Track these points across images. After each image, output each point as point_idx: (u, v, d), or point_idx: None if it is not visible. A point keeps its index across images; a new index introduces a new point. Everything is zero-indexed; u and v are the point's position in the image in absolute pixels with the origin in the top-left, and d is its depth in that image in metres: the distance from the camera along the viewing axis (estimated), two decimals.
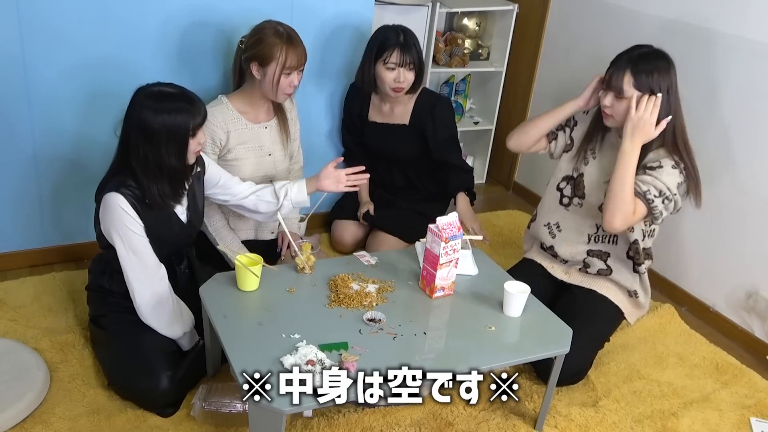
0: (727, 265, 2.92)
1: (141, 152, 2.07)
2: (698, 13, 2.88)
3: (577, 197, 2.58)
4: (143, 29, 2.70)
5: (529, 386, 2.46)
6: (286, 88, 2.58)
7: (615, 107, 2.35)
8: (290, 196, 2.48)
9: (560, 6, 3.62)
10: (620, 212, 2.28)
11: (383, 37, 2.94)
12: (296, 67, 2.56)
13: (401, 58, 2.90)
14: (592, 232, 2.56)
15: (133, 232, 2.12)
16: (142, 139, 2.06)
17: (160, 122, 2.03)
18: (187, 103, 2.08)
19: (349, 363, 1.89)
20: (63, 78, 2.64)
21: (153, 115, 2.03)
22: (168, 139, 2.06)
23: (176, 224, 2.27)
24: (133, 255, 2.14)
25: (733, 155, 2.83)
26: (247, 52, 2.55)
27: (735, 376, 2.63)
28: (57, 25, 2.55)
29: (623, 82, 2.30)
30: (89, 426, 2.13)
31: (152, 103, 2.05)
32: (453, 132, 3.18)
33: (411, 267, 2.40)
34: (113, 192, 2.10)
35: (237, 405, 2.17)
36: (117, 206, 2.09)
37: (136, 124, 2.06)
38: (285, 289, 2.22)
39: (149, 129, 2.04)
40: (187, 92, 2.13)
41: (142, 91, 2.09)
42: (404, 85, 2.95)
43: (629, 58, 2.32)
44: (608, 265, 2.55)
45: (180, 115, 2.05)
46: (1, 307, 2.60)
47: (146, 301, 2.18)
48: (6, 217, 2.78)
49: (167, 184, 2.14)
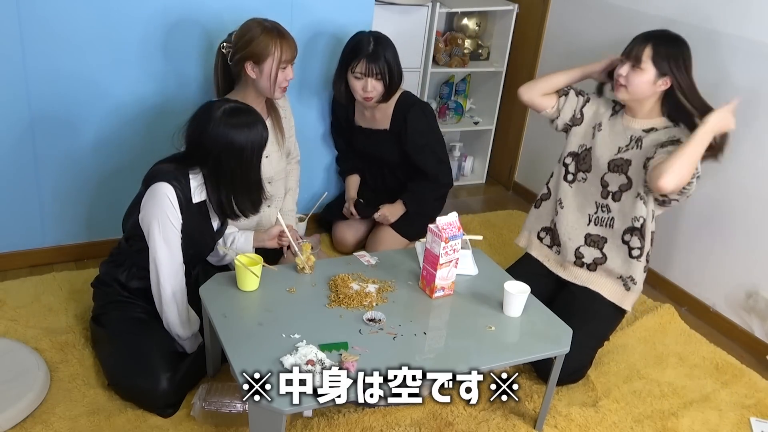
0: (727, 265, 2.92)
1: (228, 166, 2.15)
2: (698, 13, 2.88)
3: (581, 171, 2.59)
4: (143, 30, 2.70)
5: (529, 386, 2.46)
6: (282, 82, 2.58)
7: (630, 77, 2.39)
8: (236, 245, 2.49)
9: (560, 6, 3.62)
10: (677, 173, 2.23)
11: (354, 44, 2.92)
12: (291, 59, 2.57)
13: (367, 68, 2.87)
14: (592, 212, 2.57)
15: (172, 224, 2.15)
16: (229, 155, 2.13)
17: (245, 137, 2.12)
18: (258, 117, 2.19)
19: (349, 363, 1.89)
20: (63, 79, 2.64)
21: (237, 131, 2.11)
22: (253, 152, 2.16)
23: (208, 231, 2.31)
24: (165, 246, 2.16)
25: (733, 155, 2.82)
26: (239, 53, 2.53)
27: (735, 376, 2.63)
28: (56, 25, 2.55)
29: (643, 53, 2.35)
30: (89, 426, 2.13)
31: (236, 122, 2.12)
32: (428, 139, 3.07)
33: (411, 267, 2.40)
34: (164, 182, 2.13)
35: (237, 405, 2.17)
36: (164, 195, 2.12)
37: (221, 141, 2.11)
38: (285, 289, 2.22)
39: (236, 145, 2.12)
40: (250, 107, 2.22)
41: (219, 109, 2.13)
42: (372, 94, 2.93)
43: (652, 34, 2.39)
44: (603, 253, 2.54)
45: (256, 127, 2.15)
46: (1, 307, 2.60)
47: (170, 294, 2.20)
48: (6, 217, 2.78)
49: (255, 193, 2.23)
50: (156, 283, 2.20)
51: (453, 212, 2.22)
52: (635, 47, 2.39)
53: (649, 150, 2.40)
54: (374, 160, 3.22)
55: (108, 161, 2.83)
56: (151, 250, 2.17)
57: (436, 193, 3.19)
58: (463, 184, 4.16)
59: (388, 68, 2.90)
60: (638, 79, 2.37)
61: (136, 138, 2.83)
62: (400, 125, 3.05)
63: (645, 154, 2.42)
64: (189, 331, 2.28)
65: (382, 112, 3.09)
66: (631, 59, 2.38)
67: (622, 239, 2.51)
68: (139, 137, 2.84)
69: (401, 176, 3.21)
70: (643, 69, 2.36)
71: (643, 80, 2.37)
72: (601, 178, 2.53)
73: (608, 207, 2.53)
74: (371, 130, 3.13)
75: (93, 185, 2.85)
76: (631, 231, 2.49)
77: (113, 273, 2.32)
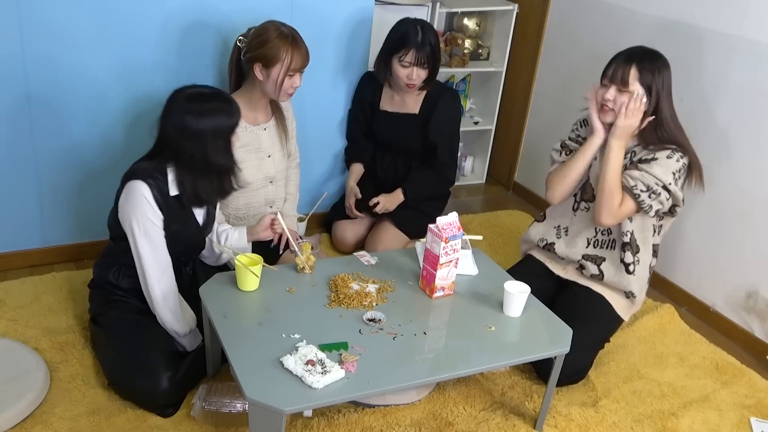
0: (727, 265, 2.92)
1: (187, 152, 2.13)
2: (698, 13, 2.88)
3: (584, 201, 2.58)
4: (142, 30, 2.70)
5: (529, 386, 2.46)
6: (288, 89, 2.59)
7: (618, 101, 2.36)
8: (230, 242, 2.46)
9: (560, 6, 3.62)
10: (606, 207, 2.38)
11: (403, 32, 2.94)
12: (300, 68, 2.57)
13: (416, 58, 2.92)
14: (591, 236, 2.57)
15: (152, 222, 2.15)
16: (186, 140, 2.12)
17: (204, 123, 2.11)
18: (225, 103, 2.17)
19: (349, 363, 1.89)
20: (63, 79, 2.64)
21: (195, 116, 2.10)
22: (213, 137, 2.13)
23: (193, 225, 2.30)
24: (148, 245, 2.16)
25: (733, 155, 2.83)
26: (250, 53, 2.54)
27: (735, 376, 2.63)
28: (57, 25, 2.55)
29: (630, 75, 2.33)
30: (89, 426, 2.13)
31: (194, 105, 2.11)
32: (451, 128, 3.16)
33: (411, 267, 2.40)
34: (139, 180, 2.13)
35: (237, 405, 2.17)
36: (140, 194, 2.12)
37: (176, 127, 2.12)
38: (285, 289, 2.22)
39: (193, 130, 2.10)
40: (223, 92, 2.22)
41: (181, 94, 2.14)
42: (416, 82, 2.98)
43: (632, 54, 2.35)
44: (601, 270, 2.54)
45: (221, 114, 2.14)
46: (1, 307, 2.60)
47: (159, 292, 2.20)
48: (6, 217, 2.78)
49: (216, 180, 2.21)
50: (144, 284, 2.21)
51: (453, 212, 2.22)
52: (619, 70, 2.34)
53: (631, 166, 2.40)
54: (391, 148, 3.22)
55: (108, 161, 2.83)
56: (134, 251, 2.18)
57: (436, 187, 3.21)
58: (463, 184, 4.16)
59: (434, 57, 2.96)
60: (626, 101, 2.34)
61: (137, 138, 2.83)
62: (431, 108, 3.08)
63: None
64: (186, 326, 2.28)
65: (413, 97, 3.11)
66: (616, 83, 2.35)
67: (620, 258, 2.51)
68: (139, 137, 2.82)
69: (415, 166, 3.21)
70: (631, 91, 2.33)
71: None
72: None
73: (609, 229, 2.53)
74: (397, 114, 3.14)
75: (93, 185, 2.85)
76: (624, 246, 2.49)
77: (104, 274, 2.32)
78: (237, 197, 2.72)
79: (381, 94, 3.16)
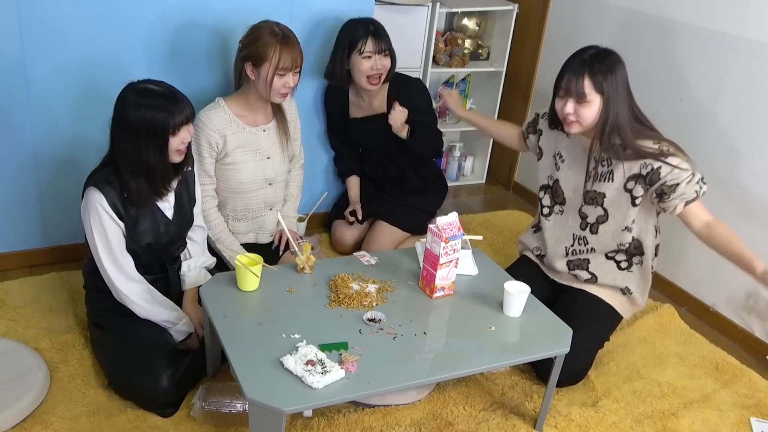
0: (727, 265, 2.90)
1: (122, 146, 2.10)
2: (698, 13, 2.88)
3: (557, 204, 2.56)
4: (142, 29, 2.70)
5: (529, 386, 2.46)
6: (281, 89, 2.55)
7: (579, 112, 2.27)
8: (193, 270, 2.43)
9: (560, 6, 3.62)
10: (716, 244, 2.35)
11: (353, 28, 2.95)
12: (290, 68, 2.53)
13: (376, 46, 2.92)
14: (569, 244, 2.54)
15: (111, 230, 2.14)
16: (123, 134, 2.09)
17: (139, 117, 2.06)
18: (170, 102, 2.09)
19: (349, 363, 1.89)
20: (63, 79, 2.64)
21: (133, 109, 2.06)
22: (147, 135, 2.08)
23: (161, 220, 2.27)
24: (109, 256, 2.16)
25: (733, 155, 2.83)
26: (242, 52, 2.54)
27: (735, 376, 2.63)
28: (57, 24, 2.55)
29: (584, 86, 2.23)
30: (89, 426, 2.13)
31: (135, 99, 2.07)
32: (424, 102, 3.12)
33: (411, 267, 2.40)
34: (93, 188, 2.12)
35: (237, 405, 2.17)
36: (94, 204, 2.11)
37: (118, 118, 2.10)
38: (285, 289, 2.22)
39: (129, 123, 2.07)
40: (174, 91, 2.14)
41: (129, 87, 2.12)
42: (382, 71, 2.97)
43: (582, 61, 2.25)
44: (591, 273, 2.52)
45: (160, 112, 2.07)
46: (1, 307, 2.60)
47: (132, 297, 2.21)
48: (6, 217, 2.78)
49: (145, 180, 2.15)
50: (116, 293, 2.21)
51: (453, 212, 2.22)
52: (573, 82, 2.24)
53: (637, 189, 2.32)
54: (373, 152, 3.23)
55: None
56: (97, 262, 2.18)
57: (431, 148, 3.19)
58: (463, 184, 4.16)
59: (390, 45, 2.97)
60: (588, 112, 2.26)
61: None
62: (399, 101, 3.04)
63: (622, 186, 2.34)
64: (174, 312, 2.28)
65: (378, 98, 3.11)
66: (573, 95, 2.25)
67: (606, 255, 2.49)
68: None
69: (402, 162, 3.22)
70: (590, 101, 2.24)
71: (593, 111, 2.26)
72: (578, 210, 2.49)
73: (585, 239, 2.50)
74: (368, 118, 3.14)
75: None
76: (615, 251, 2.48)
77: (93, 280, 2.32)
78: (235, 198, 2.72)
79: (347, 103, 3.15)
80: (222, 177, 2.68)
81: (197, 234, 2.46)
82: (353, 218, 3.17)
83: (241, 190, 2.70)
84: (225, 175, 2.67)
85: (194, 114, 2.18)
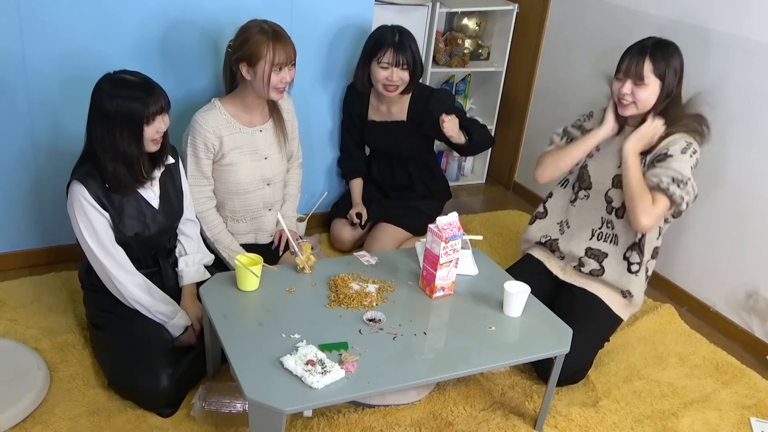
0: (727, 265, 2.92)
1: (99, 136, 2.11)
2: (698, 13, 2.88)
3: (582, 189, 2.58)
4: (143, 30, 2.70)
5: (529, 386, 2.46)
6: (278, 85, 2.55)
7: (636, 94, 2.37)
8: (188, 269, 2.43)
9: (560, 6, 3.62)
10: (640, 209, 2.33)
11: (379, 36, 2.96)
12: (285, 62, 2.53)
13: (395, 58, 2.92)
14: (596, 227, 2.57)
15: (98, 222, 2.15)
16: (99, 123, 2.10)
17: (114, 107, 2.07)
18: (145, 91, 2.11)
19: (349, 363, 1.89)
20: (63, 77, 2.64)
21: (109, 99, 2.08)
22: (122, 124, 2.09)
23: (147, 210, 2.27)
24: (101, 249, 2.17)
25: (733, 155, 2.83)
26: (235, 54, 2.53)
27: (735, 376, 2.63)
28: (57, 24, 2.55)
29: (644, 69, 2.33)
30: (89, 426, 2.13)
31: (110, 89, 2.09)
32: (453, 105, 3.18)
33: (411, 267, 2.40)
34: (76, 182, 2.13)
35: (237, 405, 2.17)
36: (78, 198, 2.13)
37: (94, 108, 2.12)
38: (285, 289, 2.22)
39: (105, 113, 2.08)
40: (149, 81, 2.16)
41: (105, 77, 2.13)
42: (398, 83, 2.97)
43: (643, 47, 2.36)
44: (602, 266, 2.54)
45: (134, 102, 2.09)
46: (1, 307, 2.60)
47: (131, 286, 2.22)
48: (6, 217, 2.78)
49: (123, 167, 2.15)
50: (114, 287, 2.22)
51: (453, 212, 2.22)
52: (633, 64, 2.35)
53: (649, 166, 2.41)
54: (385, 156, 3.24)
55: None
56: (90, 259, 2.19)
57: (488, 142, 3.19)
58: (463, 184, 4.16)
59: (413, 59, 2.96)
60: (645, 94, 2.36)
61: None
62: (421, 112, 3.07)
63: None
64: (170, 306, 2.28)
65: (399, 105, 3.11)
66: (631, 77, 2.36)
67: (624, 255, 2.52)
68: None
69: (412, 170, 3.22)
70: (647, 84, 2.35)
71: (650, 94, 2.37)
72: (605, 194, 2.53)
73: (612, 223, 2.53)
74: (386, 123, 3.15)
75: None
76: (632, 246, 2.49)
77: (88, 276, 2.33)
78: (233, 199, 2.72)
79: (368, 105, 3.16)
80: (219, 178, 2.68)
81: (190, 228, 2.46)
82: (358, 220, 3.17)
83: (239, 190, 2.70)
84: (222, 176, 2.67)
85: (169, 104, 2.19)
